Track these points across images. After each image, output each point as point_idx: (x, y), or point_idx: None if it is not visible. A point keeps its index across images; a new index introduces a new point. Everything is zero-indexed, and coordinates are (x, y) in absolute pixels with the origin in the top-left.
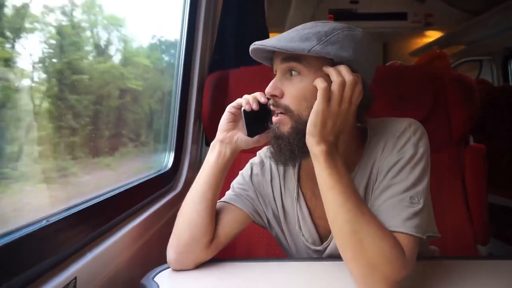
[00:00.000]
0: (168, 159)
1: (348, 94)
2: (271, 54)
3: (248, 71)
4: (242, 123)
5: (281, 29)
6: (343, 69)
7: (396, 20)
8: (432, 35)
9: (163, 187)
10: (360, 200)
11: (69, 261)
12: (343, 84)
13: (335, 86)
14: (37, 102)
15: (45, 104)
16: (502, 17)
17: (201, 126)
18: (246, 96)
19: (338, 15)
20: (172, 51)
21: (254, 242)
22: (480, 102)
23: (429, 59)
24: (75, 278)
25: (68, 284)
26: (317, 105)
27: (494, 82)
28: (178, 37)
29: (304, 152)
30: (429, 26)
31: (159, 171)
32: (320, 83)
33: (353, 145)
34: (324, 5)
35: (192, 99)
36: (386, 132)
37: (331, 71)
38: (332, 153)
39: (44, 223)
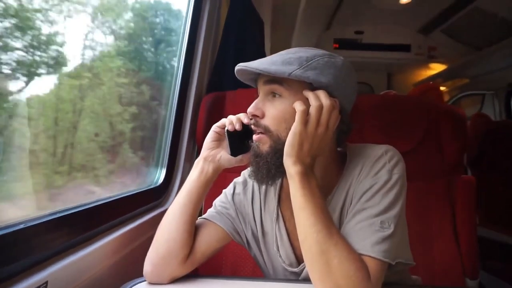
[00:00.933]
0: (159, 175)
1: (325, 118)
2: (256, 76)
3: (244, 93)
4: (226, 142)
5: None
6: (321, 93)
7: (400, 51)
8: (436, 68)
9: (151, 202)
10: (331, 222)
11: (42, 266)
12: (320, 108)
13: (312, 110)
14: None
15: None
16: (505, 52)
17: (195, 145)
18: (230, 117)
19: (342, 44)
20: None
21: (240, 261)
22: (479, 135)
23: (422, 90)
24: (46, 283)
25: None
26: (295, 126)
27: (496, 116)
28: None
29: (281, 171)
30: (433, 58)
31: (149, 186)
32: (298, 106)
33: (332, 169)
34: (329, 34)
35: (187, 118)
36: (364, 157)
37: (310, 95)
38: (307, 174)
39: (21, 226)
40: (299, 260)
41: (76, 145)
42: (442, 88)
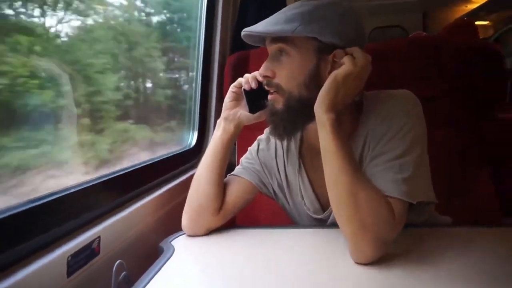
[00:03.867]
0: (192, 138)
1: (363, 73)
2: (264, 37)
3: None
4: (244, 101)
5: None
6: (357, 50)
7: None
8: (478, 0)
9: (187, 163)
10: (358, 165)
11: (94, 223)
12: (363, 63)
13: (359, 64)
14: None
15: None
16: None
17: None
18: (246, 75)
19: None
20: None
21: (277, 213)
22: None
23: (455, 28)
24: (99, 237)
25: (93, 241)
26: (337, 76)
27: None
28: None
29: (297, 127)
30: None
31: (183, 148)
32: (347, 61)
33: (349, 117)
34: None
35: (213, 80)
36: (380, 103)
37: (355, 50)
38: (338, 121)
39: (72, 189)
40: (323, 207)
41: None
42: (485, 23)
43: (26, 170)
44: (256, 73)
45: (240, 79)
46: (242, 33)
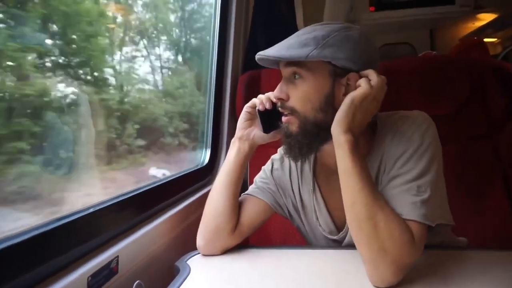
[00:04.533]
0: (205, 156)
1: (379, 95)
2: (277, 60)
3: (279, 70)
4: (258, 121)
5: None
6: (372, 72)
7: (443, 5)
8: (485, 18)
9: (200, 181)
10: (376, 187)
11: (112, 242)
12: (379, 86)
13: (374, 87)
14: None
15: None
16: None
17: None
18: (260, 96)
19: (379, 5)
20: None
21: (289, 232)
22: None
23: (466, 47)
24: (117, 257)
25: (111, 261)
26: (353, 99)
27: None
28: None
29: (312, 148)
30: (480, 8)
31: (196, 166)
32: (364, 83)
33: (363, 138)
34: None
35: (226, 99)
36: (395, 124)
37: (370, 73)
38: (355, 142)
39: (91, 210)
40: (338, 228)
41: None
42: (492, 40)
43: None
44: (270, 94)
45: (254, 100)
46: (256, 56)
